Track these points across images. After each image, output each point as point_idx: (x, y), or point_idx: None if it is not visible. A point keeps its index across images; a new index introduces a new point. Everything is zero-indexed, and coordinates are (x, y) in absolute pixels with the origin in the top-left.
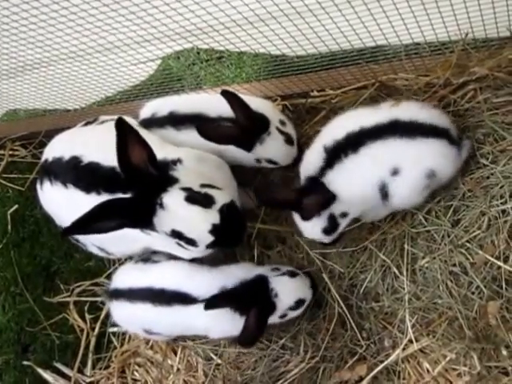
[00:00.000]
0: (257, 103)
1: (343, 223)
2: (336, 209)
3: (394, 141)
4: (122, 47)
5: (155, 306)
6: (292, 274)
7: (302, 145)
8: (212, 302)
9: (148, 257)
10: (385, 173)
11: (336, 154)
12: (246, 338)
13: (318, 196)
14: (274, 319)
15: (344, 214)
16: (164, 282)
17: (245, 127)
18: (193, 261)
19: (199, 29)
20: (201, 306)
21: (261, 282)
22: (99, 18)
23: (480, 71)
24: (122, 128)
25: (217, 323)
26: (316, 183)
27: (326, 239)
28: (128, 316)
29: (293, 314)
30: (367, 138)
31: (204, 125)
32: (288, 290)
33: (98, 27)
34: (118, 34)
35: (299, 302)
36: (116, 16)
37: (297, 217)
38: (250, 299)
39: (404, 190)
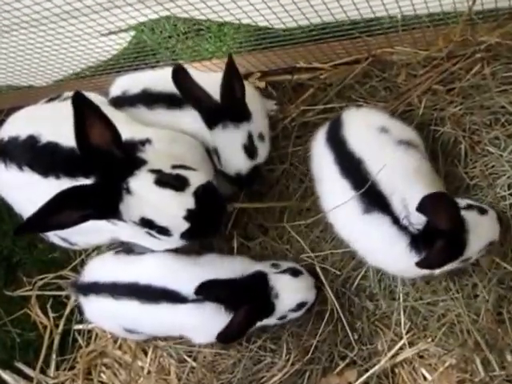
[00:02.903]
0: (250, 98)
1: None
2: None
3: None
4: (91, 15)
5: (142, 303)
6: (294, 273)
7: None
8: (203, 288)
9: (130, 248)
10: None
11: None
12: (226, 334)
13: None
14: (272, 320)
15: None
16: (151, 277)
17: (224, 106)
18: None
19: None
20: (191, 305)
21: (259, 279)
22: None
23: (489, 40)
24: (80, 103)
25: (207, 324)
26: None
27: None
28: (106, 313)
29: (293, 316)
30: None
31: (182, 72)
32: (290, 291)
33: None
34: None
35: (301, 305)
36: None
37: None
38: (244, 295)
39: None
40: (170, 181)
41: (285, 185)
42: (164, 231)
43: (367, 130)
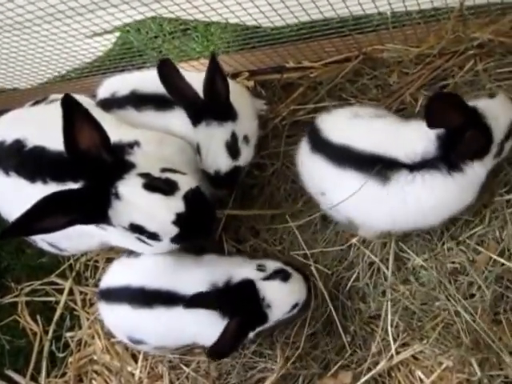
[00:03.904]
0: (239, 99)
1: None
2: None
3: None
4: (75, 17)
5: (134, 308)
6: (284, 278)
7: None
8: (193, 301)
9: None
10: None
11: None
12: (217, 350)
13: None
14: (265, 326)
15: None
16: (147, 280)
17: (207, 103)
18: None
19: None
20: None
21: (248, 289)
22: None
23: (482, 36)
24: (69, 106)
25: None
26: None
27: None
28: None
29: (286, 316)
30: None
31: (168, 66)
32: (282, 299)
33: None
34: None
35: (294, 306)
36: None
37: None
38: (235, 307)
39: None
40: (159, 185)
41: (276, 186)
42: (154, 236)
43: (341, 121)
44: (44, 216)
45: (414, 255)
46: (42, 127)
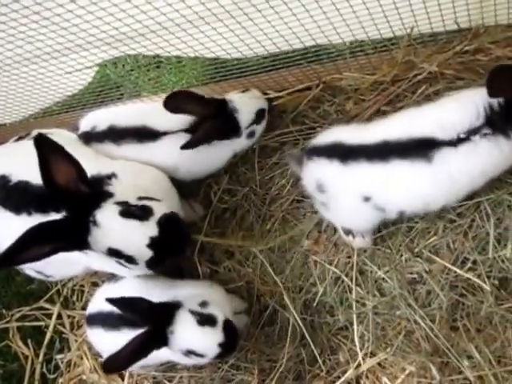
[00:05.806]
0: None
1: None
2: None
3: None
4: (50, 60)
5: (106, 331)
6: (203, 322)
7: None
8: (115, 301)
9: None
10: None
11: None
12: (113, 363)
13: None
14: (176, 355)
15: None
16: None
17: (216, 113)
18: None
19: (130, 38)
20: None
21: (169, 309)
22: (31, 27)
23: (429, 68)
24: (43, 146)
25: None
26: None
27: None
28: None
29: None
30: None
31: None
32: (186, 336)
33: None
34: (44, 46)
35: (192, 353)
36: (49, 25)
37: None
38: (145, 319)
39: None
40: (135, 211)
41: (246, 208)
42: (131, 260)
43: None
44: (30, 246)
45: (375, 268)
46: (26, 163)
